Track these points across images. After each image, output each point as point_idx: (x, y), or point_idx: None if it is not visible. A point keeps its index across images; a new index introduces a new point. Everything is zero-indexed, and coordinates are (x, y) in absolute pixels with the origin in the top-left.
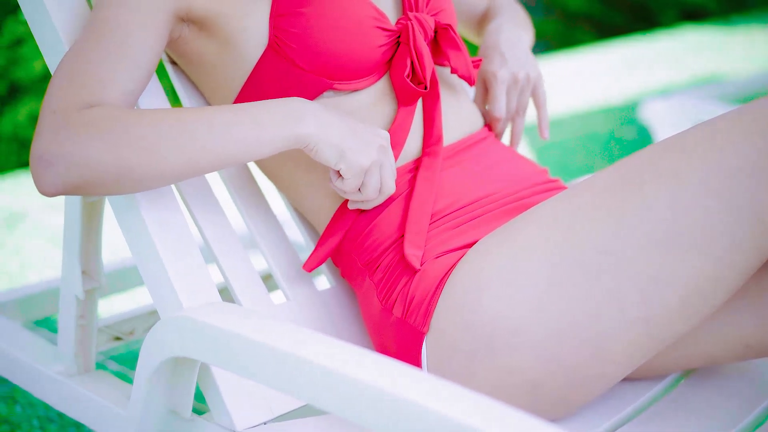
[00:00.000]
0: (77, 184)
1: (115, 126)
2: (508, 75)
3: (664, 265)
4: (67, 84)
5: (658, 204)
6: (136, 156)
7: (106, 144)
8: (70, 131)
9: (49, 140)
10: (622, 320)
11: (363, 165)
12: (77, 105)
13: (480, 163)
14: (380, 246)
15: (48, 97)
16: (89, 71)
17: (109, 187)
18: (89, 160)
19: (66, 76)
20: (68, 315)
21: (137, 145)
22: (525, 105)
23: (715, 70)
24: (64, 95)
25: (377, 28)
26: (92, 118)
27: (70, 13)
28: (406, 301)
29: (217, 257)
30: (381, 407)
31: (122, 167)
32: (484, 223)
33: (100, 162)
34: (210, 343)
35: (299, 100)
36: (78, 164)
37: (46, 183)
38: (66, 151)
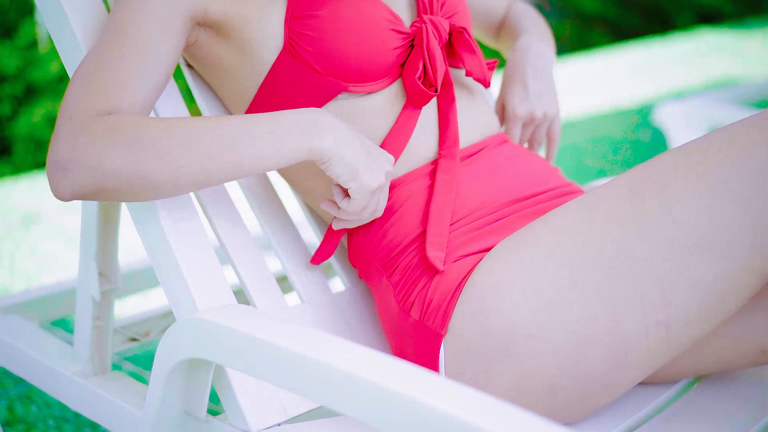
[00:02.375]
0: (92, 190)
1: (131, 134)
2: (526, 113)
3: (684, 268)
4: (84, 89)
5: (679, 207)
6: (151, 164)
7: (122, 151)
8: (87, 137)
9: (66, 146)
10: (641, 323)
11: (372, 186)
12: (95, 111)
13: (496, 166)
14: (398, 246)
15: (65, 102)
16: (107, 77)
17: (123, 194)
18: (105, 167)
19: (83, 82)
20: (84, 316)
21: (153, 153)
22: (540, 141)
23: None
24: (82, 101)
25: (392, 30)
26: (109, 125)
27: (88, 16)
28: (425, 304)
29: (232, 259)
30: (396, 410)
31: (138, 175)
32: (503, 228)
33: (115, 169)
34: (225, 344)
35: (316, 111)
36: (94, 171)
37: (61, 188)
38: (82, 157)
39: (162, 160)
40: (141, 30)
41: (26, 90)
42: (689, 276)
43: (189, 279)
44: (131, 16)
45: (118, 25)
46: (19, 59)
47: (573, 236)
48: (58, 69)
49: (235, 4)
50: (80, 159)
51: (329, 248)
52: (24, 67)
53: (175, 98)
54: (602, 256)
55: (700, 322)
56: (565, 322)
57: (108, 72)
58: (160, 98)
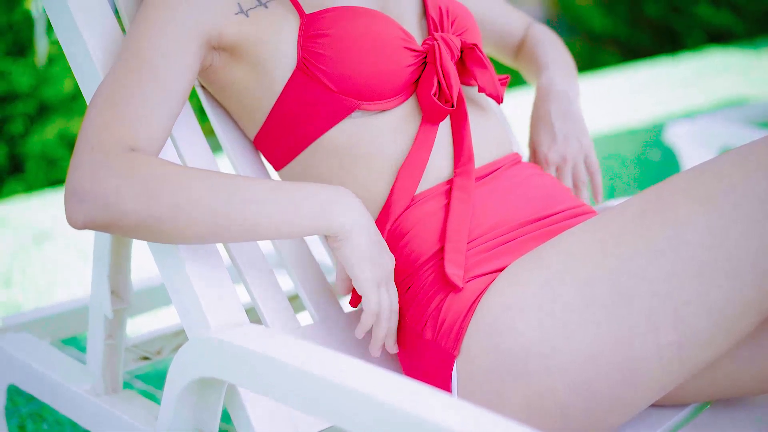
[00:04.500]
0: (105, 224)
1: (152, 178)
2: (558, 157)
3: (697, 289)
4: (104, 119)
5: (691, 229)
6: (165, 213)
7: (139, 194)
8: (107, 172)
9: (86, 177)
10: (654, 345)
11: (375, 279)
12: (116, 144)
13: (510, 187)
14: (411, 266)
15: (85, 130)
16: (126, 108)
17: (132, 233)
18: (121, 206)
19: (103, 110)
20: (97, 334)
21: (170, 204)
22: (582, 179)
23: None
24: (104, 132)
25: (404, 48)
26: (130, 164)
27: (103, 34)
28: (437, 324)
29: (244, 277)
30: (410, 431)
31: (150, 220)
32: (515, 248)
33: (130, 210)
34: (238, 364)
35: (343, 190)
36: (109, 207)
37: (75, 217)
38: (101, 192)
39: (177, 211)
40: (158, 57)
41: (39, 108)
42: (701, 297)
43: (201, 297)
44: (148, 42)
45: (135, 52)
46: (32, 77)
47: (585, 258)
48: (71, 87)
49: (249, 26)
50: (97, 193)
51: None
52: (37, 85)
53: (189, 117)
54: (614, 277)
55: (711, 343)
56: (577, 343)
57: (127, 102)
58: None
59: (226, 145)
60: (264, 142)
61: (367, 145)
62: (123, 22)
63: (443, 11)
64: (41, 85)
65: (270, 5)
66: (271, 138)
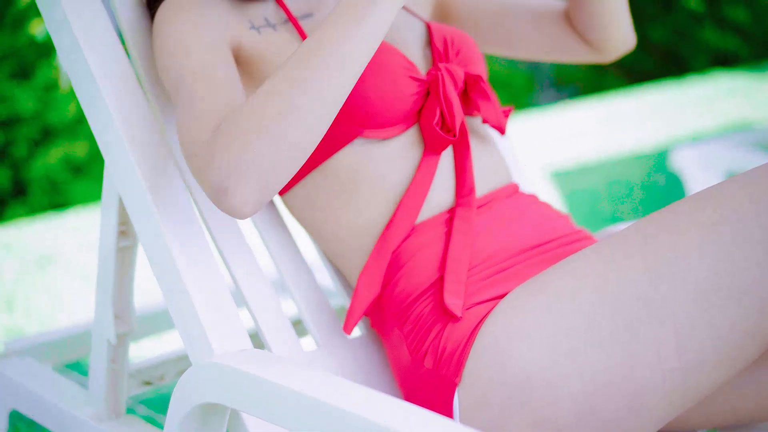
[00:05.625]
0: (262, 185)
1: (247, 120)
2: None
3: (702, 314)
4: (193, 130)
5: (695, 254)
6: (285, 122)
7: (251, 130)
8: (219, 154)
9: (212, 176)
10: (658, 371)
11: None
12: (207, 136)
13: (509, 216)
14: (409, 296)
15: (185, 151)
16: (201, 111)
17: (288, 162)
18: (250, 159)
19: (188, 125)
20: (100, 359)
21: (279, 115)
22: None
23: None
24: (196, 137)
25: (408, 77)
26: (225, 131)
27: (107, 59)
28: (438, 352)
29: (248, 302)
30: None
31: (283, 140)
32: (515, 275)
33: (258, 152)
34: (241, 389)
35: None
36: (246, 169)
37: (239, 206)
38: (230, 171)
39: (290, 113)
40: (203, 66)
41: (43, 132)
42: (706, 322)
43: (205, 322)
44: (187, 61)
45: (182, 74)
46: (36, 101)
47: (588, 283)
48: (75, 111)
49: (261, 43)
50: (230, 173)
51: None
52: (41, 109)
53: None
54: (618, 302)
55: (717, 369)
56: (580, 369)
57: (200, 107)
58: (178, 142)
59: None
60: None
61: (370, 172)
62: (127, 45)
63: (448, 42)
64: (45, 109)
65: (278, 28)
66: None
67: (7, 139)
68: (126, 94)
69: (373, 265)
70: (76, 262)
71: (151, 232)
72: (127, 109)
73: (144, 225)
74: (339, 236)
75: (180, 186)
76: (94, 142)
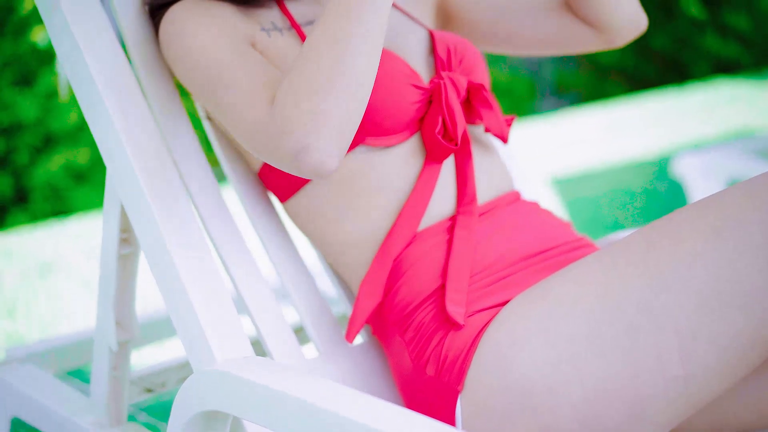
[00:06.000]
0: (340, 129)
1: (300, 75)
2: None
3: (704, 322)
4: (245, 113)
5: (698, 261)
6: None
7: (315, 85)
8: (287, 115)
9: (288, 139)
10: (661, 378)
11: None
12: (265, 110)
13: (510, 223)
14: (410, 304)
15: (246, 135)
16: (249, 93)
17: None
18: (324, 106)
19: (240, 113)
20: (101, 366)
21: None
22: None
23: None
24: (252, 118)
25: (410, 85)
26: (284, 96)
27: (108, 66)
28: (440, 360)
29: (249, 309)
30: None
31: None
32: (517, 283)
33: (329, 98)
34: (243, 397)
35: None
36: (323, 118)
37: (325, 160)
38: (307, 125)
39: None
40: (230, 60)
41: (45, 139)
42: (709, 330)
43: (207, 330)
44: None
45: (217, 66)
46: (38, 108)
47: (591, 290)
48: (77, 119)
49: (269, 45)
50: (308, 131)
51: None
52: (43, 116)
53: (194, 148)
54: (620, 310)
55: (720, 377)
56: (583, 377)
57: (246, 90)
58: (179, 149)
59: (232, 178)
60: (268, 175)
61: (371, 179)
62: (128, 52)
63: (451, 50)
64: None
65: (284, 32)
66: (276, 171)
67: (8, 146)
68: (128, 101)
69: (374, 273)
70: (77, 269)
71: (153, 239)
72: (129, 116)
73: (146, 232)
74: (340, 244)
75: (182, 193)
76: (95, 149)
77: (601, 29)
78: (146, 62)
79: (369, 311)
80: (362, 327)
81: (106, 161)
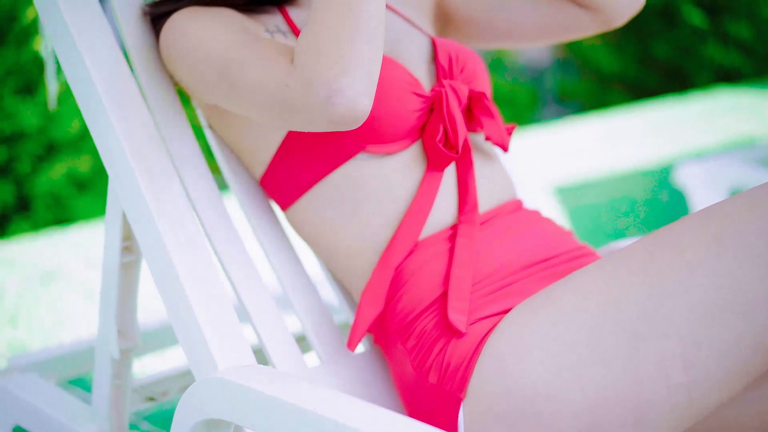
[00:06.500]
0: (369, 69)
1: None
2: None
3: (707, 330)
4: (265, 79)
5: (700, 270)
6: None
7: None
8: (314, 64)
9: (318, 86)
10: (664, 387)
11: None
12: (286, 70)
13: (512, 231)
14: (412, 312)
15: (270, 101)
16: (265, 59)
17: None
18: (348, 49)
19: (260, 82)
20: (103, 375)
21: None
22: None
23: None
24: (274, 81)
25: (412, 93)
26: (306, 49)
27: (112, 75)
28: (442, 368)
29: (251, 318)
30: None
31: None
32: (519, 291)
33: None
34: (246, 405)
35: None
36: (351, 61)
37: (358, 99)
38: (336, 69)
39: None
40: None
41: (47, 148)
42: (712, 338)
43: (209, 338)
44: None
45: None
46: (39, 117)
47: (593, 298)
48: (79, 127)
49: None
50: (337, 75)
51: (363, 328)
52: (45, 125)
53: (196, 156)
54: (623, 317)
55: (722, 385)
56: (585, 384)
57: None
58: (181, 157)
59: (234, 186)
60: (270, 183)
61: (372, 187)
62: (131, 61)
63: (453, 58)
64: (49, 125)
65: (288, 35)
66: (277, 178)
67: (11, 154)
68: (130, 109)
69: (376, 281)
70: (79, 277)
71: (155, 247)
72: (131, 124)
73: (148, 241)
74: (342, 252)
75: (183, 201)
76: (98, 158)
77: (596, 10)
78: (148, 69)
79: (371, 320)
80: (364, 335)
81: (108, 169)
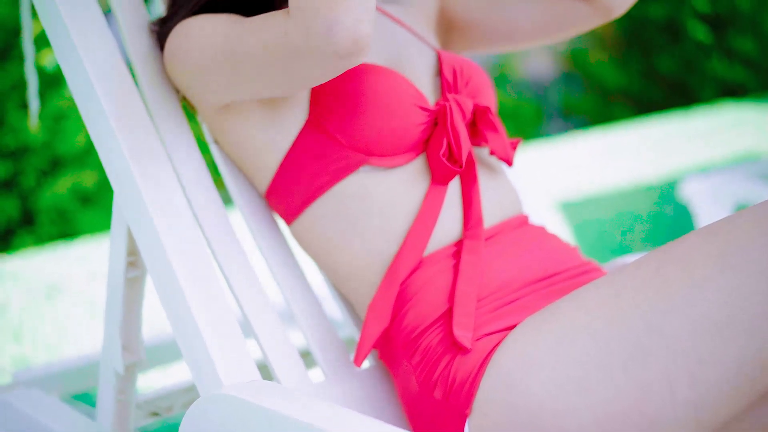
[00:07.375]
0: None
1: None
2: None
3: (713, 346)
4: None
5: (708, 286)
6: None
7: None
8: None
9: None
10: (670, 403)
11: None
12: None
13: (518, 247)
14: (417, 328)
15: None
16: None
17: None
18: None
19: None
20: (107, 390)
21: None
22: None
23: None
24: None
25: (416, 106)
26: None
27: (117, 89)
28: (447, 384)
29: (256, 333)
30: None
31: None
32: (525, 306)
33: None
34: (250, 421)
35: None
36: None
37: (358, 24)
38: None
39: None
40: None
41: (52, 162)
42: (718, 355)
43: (213, 353)
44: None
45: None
46: (44, 131)
47: (600, 314)
48: (84, 142)
49: None
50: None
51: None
52: (50, 139)
53: (201, 170)
54: (630, 333)
55: (729, 401)
56: (592, 400)
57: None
58: (186, 172)
59: (238, 201)
60: (275, 195)
61: (375, 200)
62: (136, 76)
63: (457, 72)
64: (54, 139)
65: None
66: (282, 191)
67: (15, 169)
68: (135, 124)
69: (381, 297)
70: (84, 292)
71: (160, 263)
72: (136, 139)
73: (152, 256)
74: (346, 267)
75: (189, 217)
76: (102, 172)
77: (596, 2)
78: (153, 84)
79: (376, 336)
80: (370, 352)
81: (113, 184)
